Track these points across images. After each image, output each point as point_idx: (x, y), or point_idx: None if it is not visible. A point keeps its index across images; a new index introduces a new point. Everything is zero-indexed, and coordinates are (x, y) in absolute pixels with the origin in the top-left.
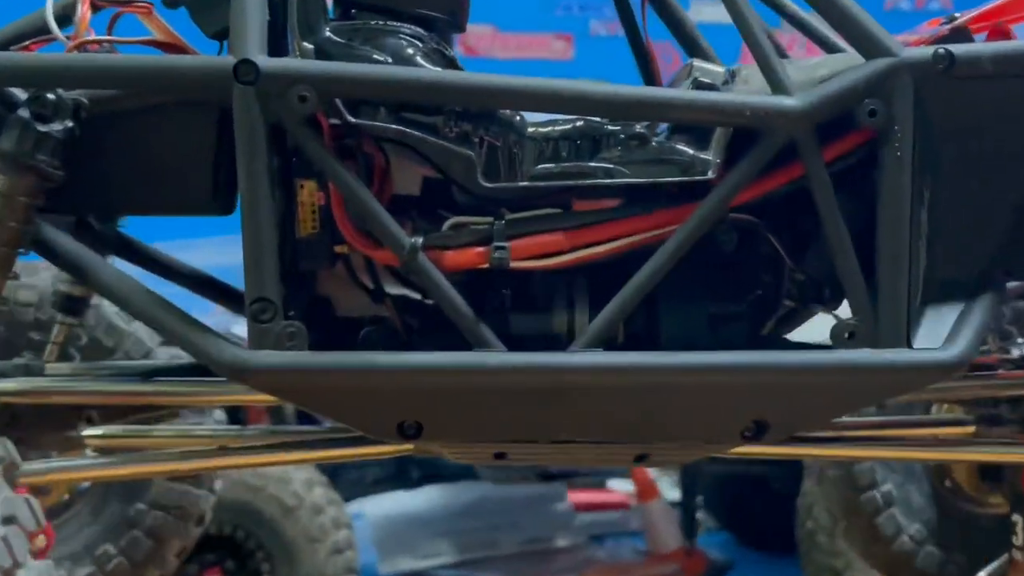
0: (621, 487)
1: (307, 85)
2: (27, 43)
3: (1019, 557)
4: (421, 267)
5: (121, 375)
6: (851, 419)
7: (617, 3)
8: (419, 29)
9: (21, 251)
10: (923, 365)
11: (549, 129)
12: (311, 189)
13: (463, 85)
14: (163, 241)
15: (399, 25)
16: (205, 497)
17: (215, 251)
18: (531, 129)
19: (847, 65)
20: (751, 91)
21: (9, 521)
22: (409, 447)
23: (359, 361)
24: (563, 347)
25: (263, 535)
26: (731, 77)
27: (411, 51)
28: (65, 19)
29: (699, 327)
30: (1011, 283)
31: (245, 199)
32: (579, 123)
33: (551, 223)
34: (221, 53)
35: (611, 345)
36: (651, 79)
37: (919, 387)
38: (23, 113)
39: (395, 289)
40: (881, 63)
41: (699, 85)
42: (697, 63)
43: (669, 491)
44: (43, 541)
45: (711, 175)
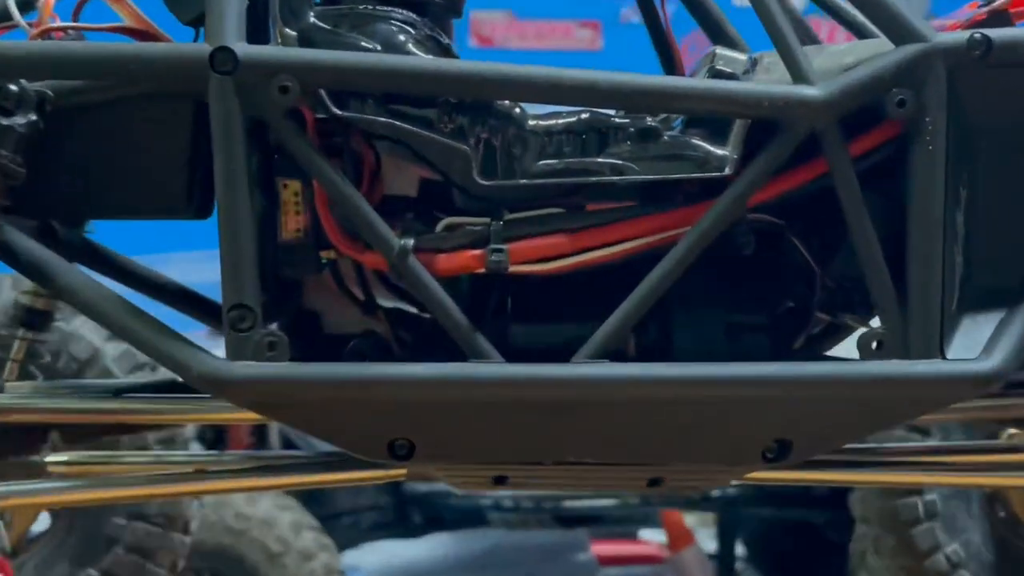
0: (653, 538)
1: (289, 75)
2: None
3: None
4: (411, 271)
5: (87, 393)
6: (898, 444)
7: None
8: (411, 14)
9: None
10: (956, 377)
11: (552, 122)
12: (295, 189)
13: (457, 74)
14: (137, 255)
15: (390, 10)
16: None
17: (194, 266)
18: (532, 122)
19: (876, 52)
20: (772, 80)
21: None
22: (402, 471)
23: (344, 372)
24: (568, 359)
25: None
26: (752, 65)
27: (402, 38)
28: (28, 5)
29: (716, 338)
30: None
31: (222, 199)
32: (584, 115)
33: (553, 224)
34: (197, 41)
35: (621, 358)
36: (672, 70)
37: (952, 401)
38: None
39: (388, 301)
40: (911, 49)
41: (716, 74)
42: (720, 51)
43: (706, 541)
44: None
45: (728, 171)
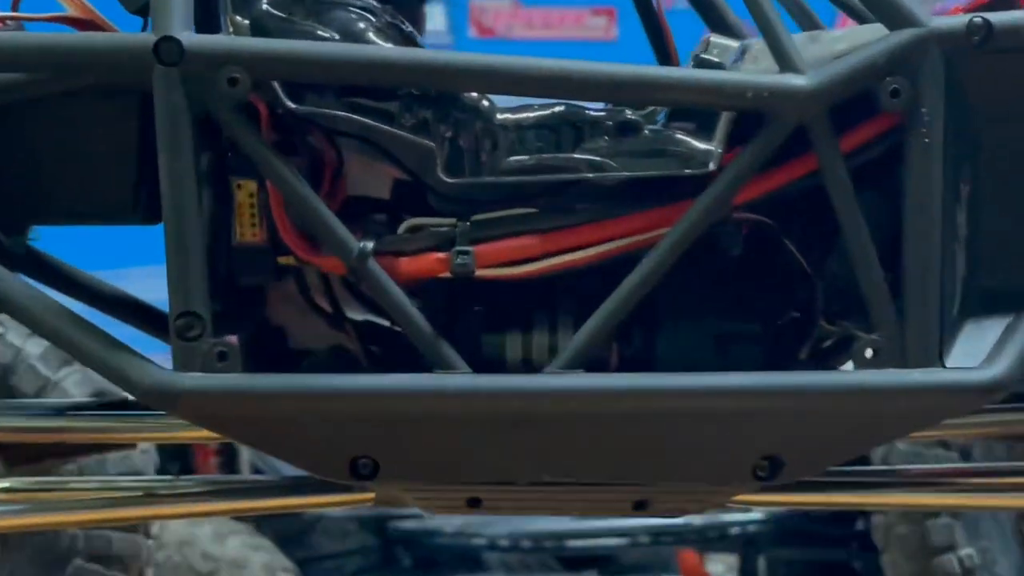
0: None
1: (238, 66)
2: None
3: None
4: (371, 275)
5: (29, 411)
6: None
7: None
8: (372, 1)
9: None
10: (956, 387)
11: (523, 116)
12: (250, 189)
13: (419, 64)
14: (96, 270)
15: None
16: (143, 543)
17: (156, 282)
18: (501, 116)
19: (871, 38)
20: (760, 70)
21: None
22: (370, 496)
23: (298, 384)
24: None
25: None
26: (741, 54)
27: (361, 26)
28: None
29: (704, 348)
30: None
31: (167, 198)
32: (558, 108)
33: (524, 225)
34: (146, 31)
35: (603, 369)
36: (665, 56)
37: (952, 414)
38: None
39: (358, 314)
40: (905, 35)
41: (700, 63)
42: (715, 38)
43: None
44: None
45: (712, 167)
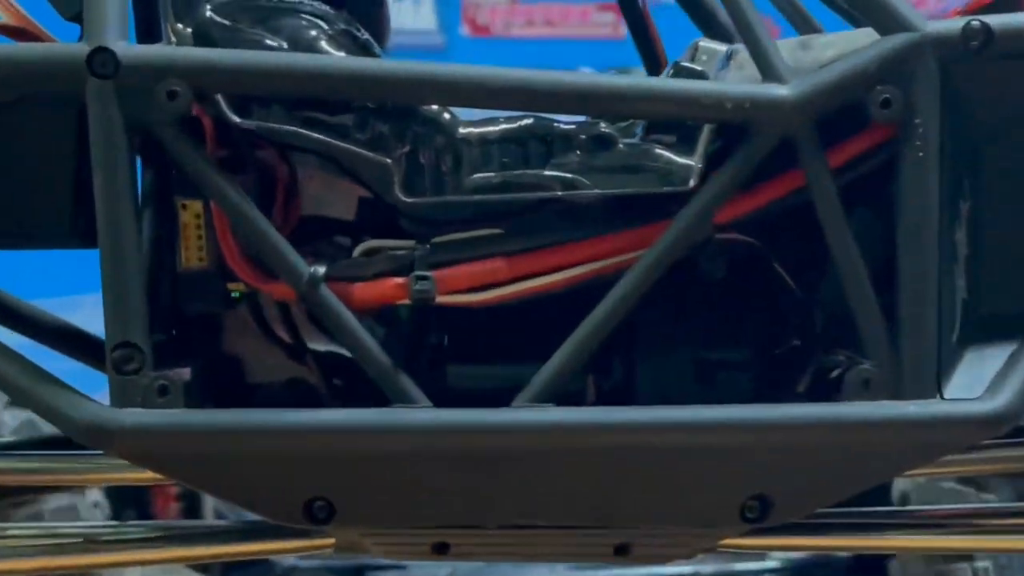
0: None
1: (178, 78)
2: None
3: None
4: (324, 303)
5: None
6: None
7: None
8: (324, 6)
9: None
10: (954, 419)
11: (488, 129)
12: (195, 210)
13: (374, 75)
14: (41, 299)
15: (299, 2)
16: None
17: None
18: (464, 130)
19: (863, 44)
20: (744, 78)
21: None
22: (329, 542)
23: (245, 420)
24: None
25: None
26: (727, 60)
27: (312, 34)
28: None
29: (686, 379)
30: None
31: (103, 221)
32: (526, 121)
33: (489, 247)
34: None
35: (578, 402)
36: (651, 56)
37: (951, 448)
38: None
39: (320, 344)
40: (896, 40)
41: (680, 71)
42: (704, 43)
43: None
44: None
45: (692, 184)
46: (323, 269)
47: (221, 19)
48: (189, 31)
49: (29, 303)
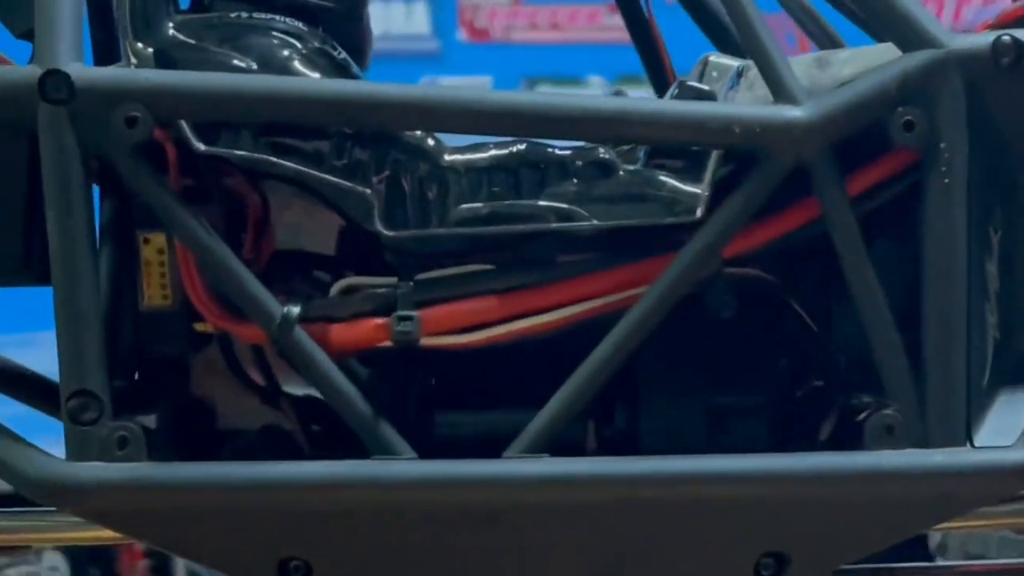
0: None
1: (137, 103)
2: None
3: None
4: (297, 346)
5: None
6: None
7: None
8: (297, 23)
9: None
10: (987, 469)
11: (476, 156)
12: (158, 245)
13: (351, 98)
14: None
15: (270, 18)
16: None
17: None
18: (450, 156)
19: (883, 60)
20: (754, 99)
21: None
22: None
23: (211, 474)
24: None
25: None
26: (737, 78)
27: (285, 53)
28: None
29: (694, 426)
30: None
31: (56, 257)
32: (518, 147)
33: (478, 284)
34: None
35: (577, 453)
36: (656, 69)
37: (983, 501)
38: None
39: (297, 388)
40: (919, 57)
41: (685, 91)
42: (714, 58)
43: None
44: None
45: (699, 214)
46: (297, 309)
47: (185, 38)
48: (150, 51)
49: None
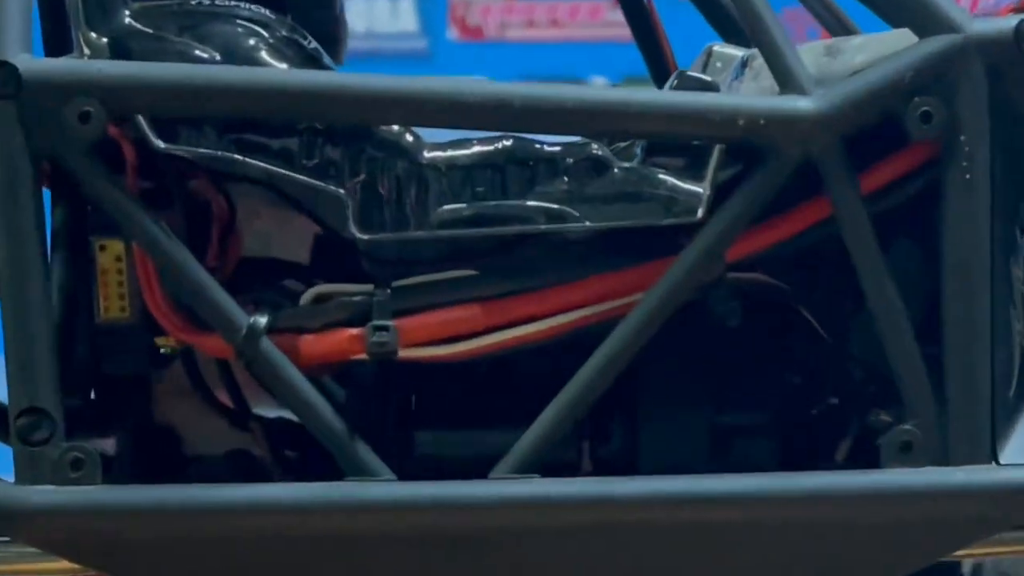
0: None
1: (90, 97)
2: None
3: None
4: (265, 358)
5: None
6: None
7: None
8: (263, 11)
9: None
10: (1013, 488)
11: (459, 153)
12: (116, 252)
13: (321, 90)
14: None
15: (234, 5)
16: None
17: None
18: (430, 153)
19: (897, 47)
20: (759, 90)
21: None
22: None
23: (175, 499)
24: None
25: None
26: (742, 67)
27: (250, 42)
28: None
29: (697, 446)
30: None
31: (4, 265)
32: (505, 143)
33: (462, 291)
34: None
35: (571, 473)
36: (658, 63)
37: (1011, 522)
38: None
39: (268, 411)
40: (936, 43)
41: (685, 81)
42: (719, 48)
43: None
44: None
45: (700, 215)
46: (264, 319)
47: (142, 27)
48: (105, 41)
49: None
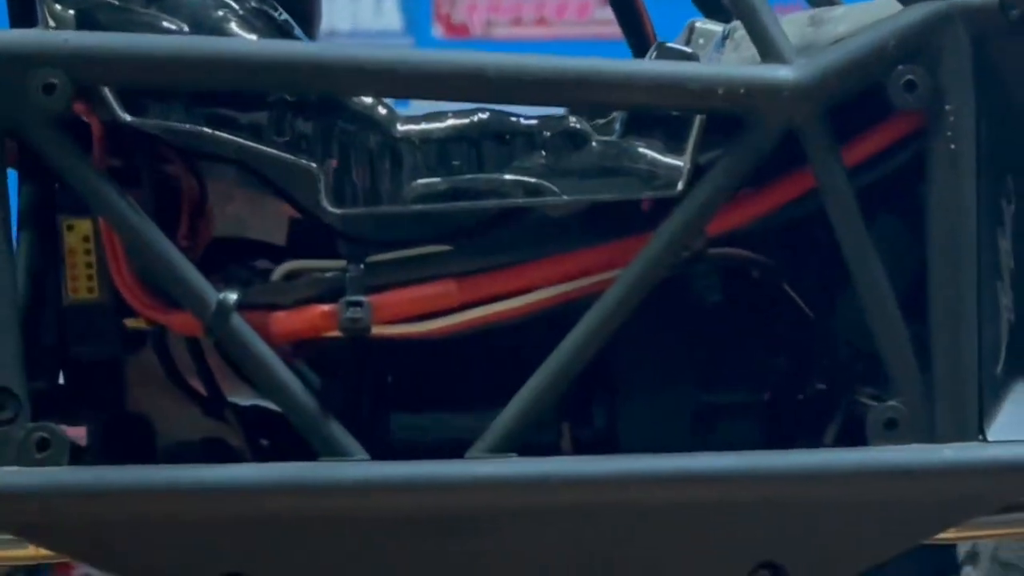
0: None
1: (55, 68)
2: None
3: None
4: (235, 336)
5: None
6: None
7: None
8: None
9: None
10: (1002, 465)
11: (434, 126)
12: (83, 231)
13: (291, 61)
14: None
15: None
16: None
17: None
18: (404, 127)
19: (881, 16)
20: (740, 60)
21: None
22: None
23: (145, 479)
24: None
25: None
26: (722, 40)
27: (219, 13)
28: None
29: (679, 427)
30: None
31: None
32: (480, 116)
33: (436, 267)
34: None
35: (550, 453)
36: (636, 33)
37: (999, 501)
38: None
39: (243, 399)
40: (921, 10)
41: (664, 52)
42: (701, 24)
43: None
44: None
45: (680, 188)
46: (234, 296)
47: None
48: (71, 13)
49: None
